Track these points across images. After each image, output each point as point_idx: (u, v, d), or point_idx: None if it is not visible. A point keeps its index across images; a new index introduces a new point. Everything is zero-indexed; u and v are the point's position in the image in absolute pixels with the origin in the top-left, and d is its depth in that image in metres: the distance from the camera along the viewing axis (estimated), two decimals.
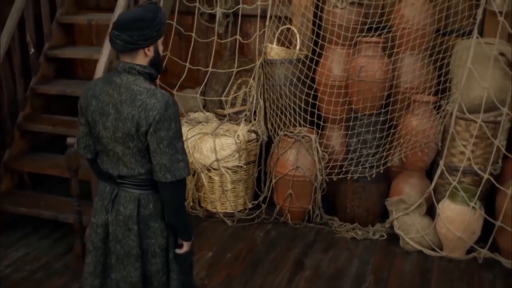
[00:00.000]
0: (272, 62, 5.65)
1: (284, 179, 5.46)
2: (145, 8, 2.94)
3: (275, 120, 5.68)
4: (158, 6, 2.98)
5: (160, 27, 2.94)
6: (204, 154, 5.49)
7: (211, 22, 6.10)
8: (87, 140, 3.12)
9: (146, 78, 2.96)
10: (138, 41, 2.88)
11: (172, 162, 2.89)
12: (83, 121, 3.08)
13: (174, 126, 2.87)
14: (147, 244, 3.10)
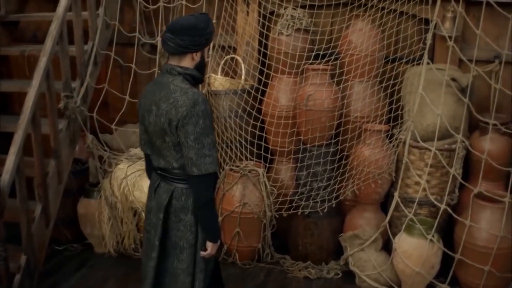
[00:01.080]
0: (216, 93, 5.29)
1: (231, 217, 5.05)
2: (198, 17, 3.21)
3: (220, 154, 5.29)
4: (209, 17, 3.26)
5: (209, 36, 3.23)
6: (144, 192, 5.04)
7: (153, 53, 5.71)
8: (144, 137, 3.43)
9: (187, 79, 3.21)
10: (188, 45, 3.17)
11: (198, 156, 3.09)
12: (140, 120, 3.39)
13: (202, 123, 3.07)
14: (177, 238, 3.30)
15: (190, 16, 3.22)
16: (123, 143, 5.52)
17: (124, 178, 5.09)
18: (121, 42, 5.70)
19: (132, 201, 5.08)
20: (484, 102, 5.21)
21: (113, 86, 5.69)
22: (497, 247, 4.38)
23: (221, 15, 5.39)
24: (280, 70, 5.19)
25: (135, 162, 5.25)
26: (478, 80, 5.13)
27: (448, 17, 5.01)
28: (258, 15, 5.41)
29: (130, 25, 5.80)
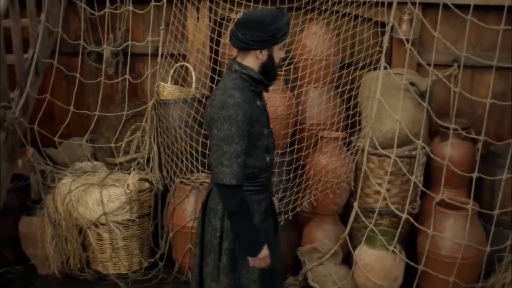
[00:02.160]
0: (166, 103, 4.95)
1: (182, 232, 4.69)
2: (269, 11, 3.01)
3: (170, 166, 4.93)
4: (283, 12, 2.99)
5: (275, 33, 2.95)
6: (89, 207, 4.66)
7: (100, 63, 5.34)
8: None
9: (245, 79, 3.02)
10: (248, 41, 2.96)
11: (217, 163, 2.97)
12: None
13: (227, 129, 2.90)
14: (207, 239, 3.19)
15: (263, 10, 3.09)
16: (69, 157, 5.13)
17: (68, 193, 4.69)
18: (66, 51, 5.38)
19: (77, 217, 4.69)
20: (444, 107, 4.99)
21: (59, 98, 5.33)
22: (461, 256, 4.12)
23: (170, 22, 5.05)
24: None
25: (80, 176, 4.85)
26: (437, 85, 4.93)
27: (405, 19, 4.79)
28: (209, 21, 5.10)
29: (75, 33, 5.44)
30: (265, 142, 3.11)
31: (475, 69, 4.95)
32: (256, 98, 3.08)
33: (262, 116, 3.11)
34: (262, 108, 3.13)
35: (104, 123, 5.41)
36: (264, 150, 3.12)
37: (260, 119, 3.07)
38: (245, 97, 2.98)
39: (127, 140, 5.31)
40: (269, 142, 3.16)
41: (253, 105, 3.03)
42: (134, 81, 5.16)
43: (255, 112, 3.03)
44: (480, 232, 4.29)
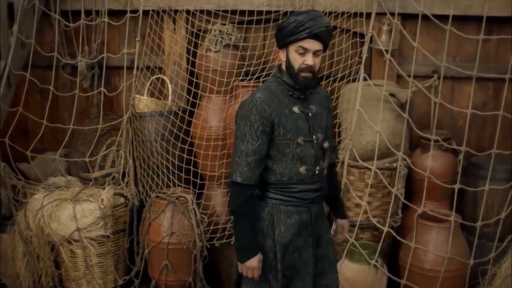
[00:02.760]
0: (141, 116, 4.77)
1: (158, 248, 4.47)
2: (301, 12, 2.94)
3: (146, 181, 4.75)
4: (312, 13, 2.91)
5: (282, 30, 2.91)
6: (62, 223, 4.44)
7: (75, 76, 5.16)
8: None
9: (281, 83, 3.00)
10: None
11: (232, 160, 2.97)
12: None
13: (242, 127, 2.91)
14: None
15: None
16: (42, 172, 4.95)
17: (40, 209, 4.48)
18: (41, 64, 5.20)
19: (49, 234, 4.47)
20: (424, 119, 4.87)
21: (33, 112, 5.13)
22: (444, 269, 3.95)
23: (146, 33, 4.90)
24: (209, 89, 4.72)
25: (53, 191, 4.65)
26: (417, 97, 4.83)
27: (384, 30, 4.67)
28: (186, 33, 4.95)
29: (50, 46, 5.26)
30: (297, 150, 2.98)
31: (455, 80, 4.84)
32: (293, 104, 3.00)
33: (297, 123, 2.98)
34: (301, 115, 3.00)
35: (79, 137, 5.22)
36: (297, 159, 2.99)
37: (291, 125, 2.96)
38: (268, 97, 2.93)
39: (102, 154, 5.12)
40: (305, 152, 3.00)
41: (282, 109, 2.95)
42: (110, 94, 4.98)
43: (280, 116, 2.93)
44: (463, 245, 4.15)
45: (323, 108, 3.12)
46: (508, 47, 4.73)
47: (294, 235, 3.05)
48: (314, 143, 3.02)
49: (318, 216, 3.14)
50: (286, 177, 3.00)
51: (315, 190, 3.08)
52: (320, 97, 3.13)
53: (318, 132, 3.04)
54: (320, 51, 2.93)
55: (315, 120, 3.05)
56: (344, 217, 3.46)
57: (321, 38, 2.91)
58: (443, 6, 4.61)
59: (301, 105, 3.01)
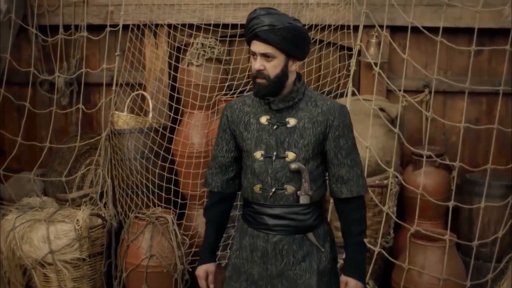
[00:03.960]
0: (120, 133, 4.49)
1: (137, 272, 4.14)
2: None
3: (125, 201, 4.44)
4: (254, 10, 2.57)
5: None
6: (34, 245, 4.11)
7: (53, 93, 4.87)
8: None
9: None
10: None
11: None
12: None
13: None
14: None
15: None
16: (17, 193, 4.64)
17: (11, 230, 4.16)
18: (18, 81, 4.93)
19: (20, 256, 4.13)
20: (416, 135, 4.63)
21: (10, 131, 4.83)
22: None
23: (126, 48, 4.64)
24: (191, 104, 4.46)
25: (26, 212, 4.33)
26: (408, 112, 4.61)
27: (373, 42, 4.45)
28: (168, 47, 4.69)
29: (27, 62, 4.99)
30: (253, 165, 2.60)
31: (447, 94, 4.60)
32: (263, 114, 2.61)
33: (260, 134, 2.60)
34: (267, 127, 2.60)
35: (57, 157, 4.93)
36: (253, 175, 2.61)
37: (250, 136, 2.61)
38: (238, 103, 2.69)
39: (81, 174, 4.80)
40: (261, 168, 2.59)
41: (248, 117, 2.63)
42: (88, 111, 4.70)
43: (240, 125, 2.63)
44: (459, 265, 3.85)
45: (314, 124, 2.59)
46: (500, 60, 4.50)
47: (247, 260, 2.69)
48: (275, 161, 2.57)
49: (282, 251, 2.64)
50: (246, 193, 2.69)
51: (273, 216, 2.61)
52: (315, 110, 2.60)
53: (288, 149, 2.57)
54: (270, 54, 2.48)
55: (289, 135, 2.58)
56: (350, 274, 2.70)
57: (264, 39, 2.47)
58: (433, 17, 4.40)
59: (272, 116, 2.60)
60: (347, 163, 2.61)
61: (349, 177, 2.62)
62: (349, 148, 2.61)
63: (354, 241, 2.71)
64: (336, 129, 2.59)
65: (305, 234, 2.66)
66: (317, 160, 2.63)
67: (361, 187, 2.65)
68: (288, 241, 2.64)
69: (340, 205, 2.72)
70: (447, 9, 4.18)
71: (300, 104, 2.61)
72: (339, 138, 2.59)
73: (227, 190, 2.76)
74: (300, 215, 2.63)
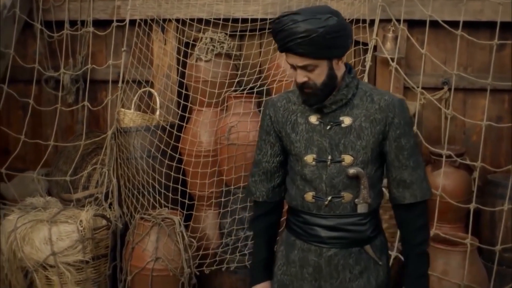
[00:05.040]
0: (126, 131, 4.30)
1: (142, 275, 3.95)
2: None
3: (131, 201, 4.24)
4: (279, 20, 2.22)
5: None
6: (36, 246, 3.93)
7: (59, 90, 4.69)
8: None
9: None
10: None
11: None
12: None
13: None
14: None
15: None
16: (21, 192, 4.46)
17: (13, 231, 3.98)
18: (23, 78, 4.75)
19: (22, 258, 3.96)
20: (434, 134, 4.39)
21: (15, 130, 4.64)
22: None
23: (133, 43, 4.44)
24: (199, 101, 4.25)
25: (29, 212, 4.15)
26: (426, 110, 4.40)
27: (389, 37, 4.21)
28: (177, 43, 4.49)
29: (33, 59, 4.80)
30: (304, 171, 2.34)
31: (467, 91, 4.35)
32: (311, 112, 2.34)
33: (310, 136, 2.34)
34: (318, 128, 2.34)
35: (62, 156, 4.75)
36: (305, 182, 2.35)
37: (299, 138, 2.35)
38: (280, 101, 2.42)
39: (86, 174, 4.61)
40: (314, 174, 2.33)
41: (294, 116, 2.37)
42: (93, 108, 4.51)
43: (287, 125, 2.37)
44: (480, 271, 3.62)
45: (372, 122, 2.31)
46: None
47: (296, 277, 2.42)
48: (330, 166, 2.31)
49: (337, 266, 2.37)
50: (294, 202, 2.40)
51: (328, 227, 2.35)
52: (372, 107, 2.32)
53: (344, 152, 2.31)
54: (310, 66, 2.22)
55: (345, 136, 2.31)
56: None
57: (299, 52, 2.19)
58: (453, 11, 4.16)
59: (324, 115, 2.33)
60: (410, 165, 2.32)
61: (412, 180, 2.33)
62: (411, 148, 2.32)
63: (417, 251, 2.43)
64: (397, 127, 2.30)
65: (363, 247, 2.38)
66: (376, 163, 2.34)
67: (426, 190, 2.37)
68: (344, 255, 2.37)
69: (401, 211, 2.44)
70: (467, 2, 4.00)
71: (354, 100, 2.33)
72: (400, 138, 2.30)
73: (273, 199, 2.49)
74: (358, 226, 2.35)
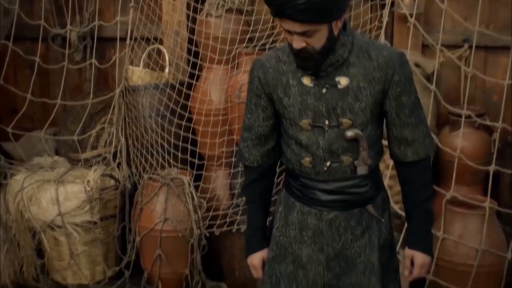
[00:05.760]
0: (135, 89, 4.16)
1: (150, 236, 3.86)
2: None
3: (139, 161, 4.13)
4: None
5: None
6: (43, 207, 3.86)
7: (66, 48, 4.54)
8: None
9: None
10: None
11: None
12: None
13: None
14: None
15: None
16: (29, 152, 4.36)
17: (20, 191, 3.89)
18: (30, 36, 4.59)
19: (29, 219, 3.88)
20: (453, 93, 4.21)
21: (22, 89, 4.51)
22: (477, 264, 3.36)
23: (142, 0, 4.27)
24: (209, 58, 4.10)
25: (35, 172, 4.05)
26: (445, 69, 4.21)
27: None
28: None
29: (39, 16, 4.65)
30: (300, 136, 2.19)
31: (488, 49, 4.14)
32: (300, 73, 2.16)
33: (305, 99, 2.15)
34: (312, 90, 2.15)
35: (70, 115, 4.62)
36: (300, 147, 2.21)
37: (292, 102, 2.17)
38: (269, 61, 2.21)
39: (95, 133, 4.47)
40: (311, 140, 2.18)
41: (285, 78, 2.18)
42: (102, 66, 4.37)
43: (278, 88, 2.19)
44: (499, 235, 3.48)
45: (371, 82, 2.14)
46: None
47: (295, 240, 2.29)
48: (327, 130, 2.15)
49: (339, 229, 2.26)
50: (291, 165, 2.27)
51: (328, 192, 2.23)
52: (370, 64, 2.13)
53: (342, 116, 2.14)
54: (310, 32, 2.01)
55: (342, 99, 2.14)
56: (417, 248, 2.34)
57: (299, 19, 1.98)
58: None
59: (317, 76, 2.14)
60: (411, 122, 2.16)
61: (414, 138, 2.18)
62: (412, 104, 2.16)
63: (420, 209, 2.31)
64: (397, 85, 2.12)
65: (364, 207, 2.26)
66: (376, 123, 2.19)
67: (428, 146, 2.23)
68: (345, 217, 2.25)
69: (403, 169, 2.30)
70: None
71: (350, 58, 2.13)
72: (401, 96, 2.13)
73: (268, 162, 2.34)
74: (358, 188, 2.23)
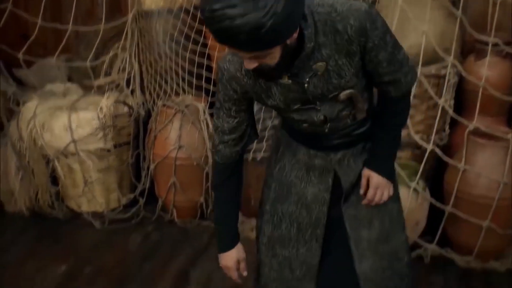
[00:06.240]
0: (148, 14, 4.01)
1: (165, 164, 3.81)
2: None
3: (153, 88, 4.02)
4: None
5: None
6: (56, 134, 3.79)
7: None
8: None
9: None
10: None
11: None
12: None
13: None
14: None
15: None
16: (40, 79, 4.29)
17: (32, 118, 3.82)
18: None
19: (42, 146, 3.82)
20: (479, 20, 3.98)
21: (34, 15, 4.37)
22: (498, 197, 3.27)
23: None
24: None
25: (48, 99, 3.97)
26: None
27: None
28: None
29: None
30: (294, 116, 2.05)
31: None
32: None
33: (287, 94, 1.96)
34: (292, 86, 1.93)
35: (83, 41, 4.50)
36: (293, 120, 2.06)
37: (276, 102, 1.99)
38: (238, 69, 1.94)
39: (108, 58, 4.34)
40: (302, 115, 2.04)
41: (256, 80, 1.95)
42: None
43: (257, 93, 1.99)
44: None
45: (346, 56, 1.92)
46: None
47: (301, 180, 2.16)
48: (319, 108, 1.99)
49: (349, 161, 2.13)
50: (290, 125, 2.13)
51: (332, 138, 2.09)
52: (341, 39, 1.88)
53: (331, 94, 1.97)
54: (261, 55, 1.73)
55: (326, 83, 1.95)
56: (374, 168, 2.13)
57: (244, 50, 1.70)
58: None
59: (293, 72, 1.90)
60: (392, 69, 2.00)
61: (395, 79, 2.02)
62: (390, 55, 1.97)
63: (389, 133, 2.13)
64: (372, 49, 1.91)
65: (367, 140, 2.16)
66: (364, 79, 2.02)
67: (410, 80, 2.06)
68: (353, 152, 2.12)
69: (385, 99, 2.11)
70: None
71: (318, 39, 1.88)
72: (377, 55, 1.94)
73: (236, 158, 2.15)
74: (361, 128, 2.10)
